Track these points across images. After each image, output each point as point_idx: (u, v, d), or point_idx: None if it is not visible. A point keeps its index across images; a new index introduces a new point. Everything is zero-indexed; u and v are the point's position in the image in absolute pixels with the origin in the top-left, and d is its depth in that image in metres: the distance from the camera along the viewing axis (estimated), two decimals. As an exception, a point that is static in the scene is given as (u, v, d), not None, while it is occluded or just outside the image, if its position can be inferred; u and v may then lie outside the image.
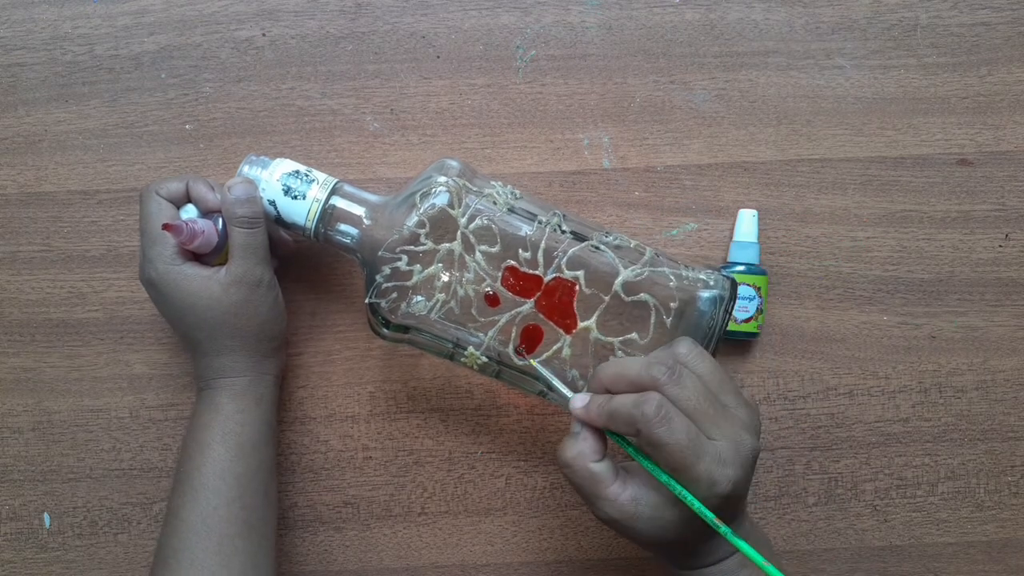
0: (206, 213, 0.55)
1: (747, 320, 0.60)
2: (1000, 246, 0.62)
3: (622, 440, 0.47)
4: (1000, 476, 0.63)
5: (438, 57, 0.62)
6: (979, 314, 0.62)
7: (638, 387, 0.46)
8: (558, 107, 0.62)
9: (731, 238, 0.61)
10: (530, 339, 0.52)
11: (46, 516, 0.62)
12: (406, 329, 0.53)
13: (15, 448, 0.62)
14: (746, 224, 0.61)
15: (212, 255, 0.55)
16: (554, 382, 0.51)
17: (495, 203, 0.53)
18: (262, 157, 0.55)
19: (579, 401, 0.48)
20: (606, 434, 0.48)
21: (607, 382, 0.48)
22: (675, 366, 0.46)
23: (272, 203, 0.55)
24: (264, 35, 0.62)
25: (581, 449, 0.47)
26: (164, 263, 0.53)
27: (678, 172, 0.62)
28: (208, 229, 0.54)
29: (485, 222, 0.52)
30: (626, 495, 0.46)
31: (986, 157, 0.62)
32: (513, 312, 0.52)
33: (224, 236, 0.55)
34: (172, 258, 0.53)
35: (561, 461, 0.48)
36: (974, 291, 0.62)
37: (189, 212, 0.55)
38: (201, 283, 0.53)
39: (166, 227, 0.52)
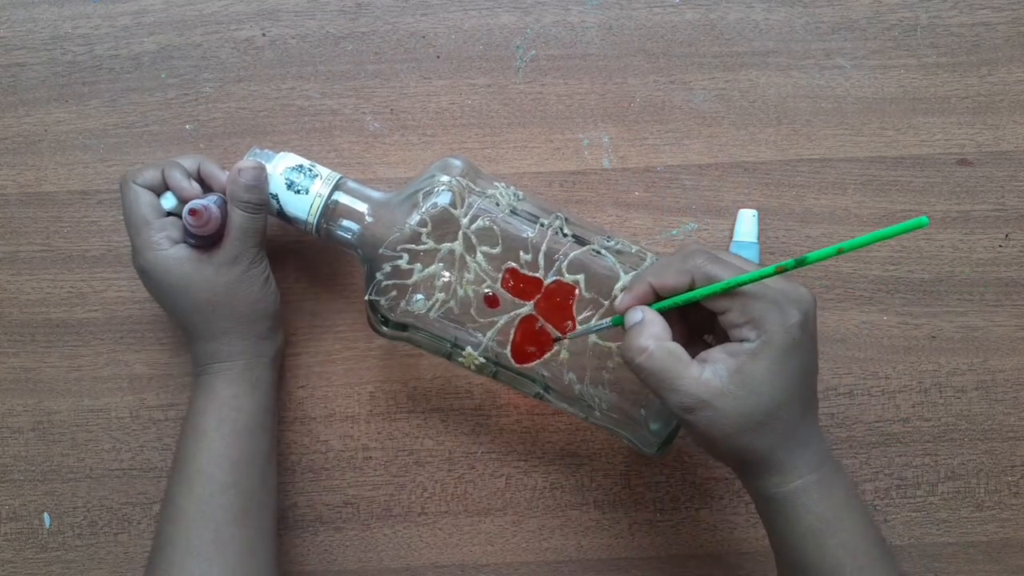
0: (183, 199, 0.54)
1: (747, 320, 0.60)
2: (1000, 246, 0.62)
3: (674, 304, 0.46)
4: (1000, 476, 0.63)
5: (438, 57, 0.62)
6: (979, 314, 0.62)
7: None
8: (558, 107, 0.62)
9: (731, 238, 0.61)
10: (530, 339, 0.52)
11: (46, 516, 0.62)
12: (405, 327, 0.53)
13: (15, 448, 0.62)
14: (746, 224, 0.61)
15: (210, 239, 0.54)
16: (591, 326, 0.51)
17: (497, 204, 0.53)
18: (266, 150, 0.55)
19: (622, 292, 0.49)
20: (656, 310, 0.47)
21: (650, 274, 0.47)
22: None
23: (275, 197, 0.54)
24: (264, 35, 0.62)
25: (652, 331, 0.45)
26: (153, 249, 0.53)
27: (678, 172, 0.62)
28: (217, 213, 0.53)
29: (487, 223, 0.52)
30: (708, 371, 0.44)
31: (986, 157, 0.62)
32: (512, 314, 0.52)
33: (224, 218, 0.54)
34: (160, 243, 0.53)
35: (636, 348, 0.45)
36: (974, 291, 0.62)
37: (169, 200, 0.55)
38: (193, 265, 0.53)
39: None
